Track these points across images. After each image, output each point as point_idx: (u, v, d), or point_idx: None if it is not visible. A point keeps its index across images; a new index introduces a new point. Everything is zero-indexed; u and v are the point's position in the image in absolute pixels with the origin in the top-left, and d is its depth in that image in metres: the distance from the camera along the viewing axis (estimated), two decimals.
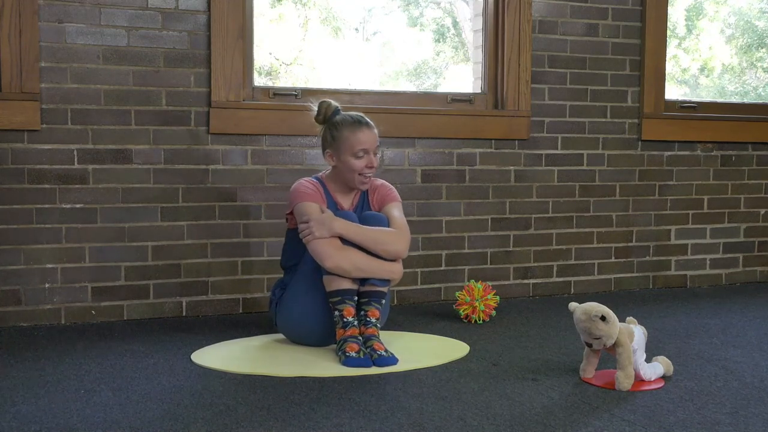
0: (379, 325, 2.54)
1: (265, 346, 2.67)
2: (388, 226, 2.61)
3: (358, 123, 2.63)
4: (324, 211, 2.56)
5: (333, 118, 2.66)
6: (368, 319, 2.51)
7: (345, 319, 2.48)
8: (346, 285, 2.50)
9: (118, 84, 3.03)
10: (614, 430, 1.85)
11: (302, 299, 2.59)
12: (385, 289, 2.57)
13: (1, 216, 2.93)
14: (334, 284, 2.50)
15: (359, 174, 2.62)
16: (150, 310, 3.11)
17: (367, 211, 2.66)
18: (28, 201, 2.95)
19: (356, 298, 2.53)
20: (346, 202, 2.71)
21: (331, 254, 2.48)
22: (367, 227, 2.55)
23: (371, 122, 2.66)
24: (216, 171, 3.17)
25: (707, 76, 8.90)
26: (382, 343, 2.46)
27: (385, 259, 2.55)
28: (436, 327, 2.98)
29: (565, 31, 3.65)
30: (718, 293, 3.77)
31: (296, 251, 2.65)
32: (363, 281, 2.53)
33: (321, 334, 2.60)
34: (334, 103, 2.69)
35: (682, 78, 8.77)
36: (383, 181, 2.78)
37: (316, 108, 2.70)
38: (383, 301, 2.58)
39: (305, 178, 2.70)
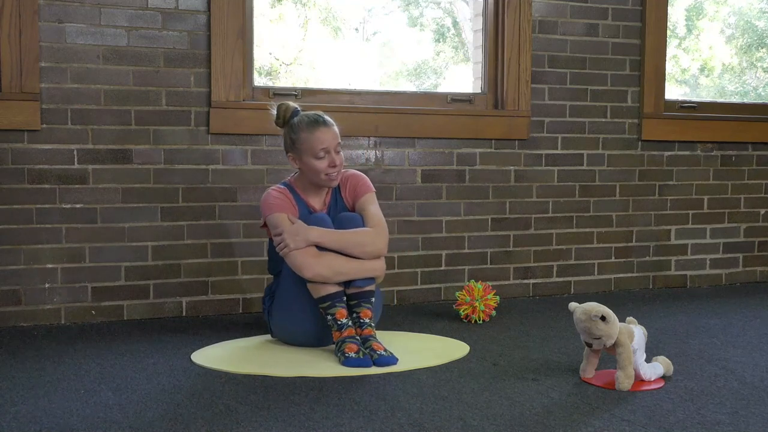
0: (373, 324, 2.51)
1: (265, 346, 2.67)
2: (363, 225, 2.56)
3: (315, 123, 2.55)
4: (294, 222, 2.51)
5: (291, 121, 2.60)
6: (362, 320, 2.48)
7: (339, 322, 2.45)
8: (333, 289, 2.47)
9: (118, 84, 3.03)
10: (614, 430, 1.85)
11: (292, 307, 2.57)
12: (371, 288, 2.53)
13: (1, 216, 2.93)
14: (320, 290, 2.47)
15: (324, 174, 2.57)
16: (150, 310, 3.11)
17: (341, 214, 2.60)
18: (28, 201, 2.95)
19: (345, 298, 2.49)
20: (318, 202, 2.65)
21: (309, 264, 2.44)
22: (343, 231, 2.50)
23: (330, 120, 2.59)
24: (216, 171, 3.17)
25: (707, 76, 8.90)
26: (380, 343, 2.45)
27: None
28: (436, 327, 2.98)
29: (565, 31, 3.65)
30: (718, 293, 3.77)
31: (279, 258, 2.59)
32: (347, 283, 2.50)
33: (317, 338, 2.58)
34: (292, 104, 2.62)
35: (682, 78, 8.77)
36: (354, 171, 2.71)
37: (275, 112, 2.64)
38: (373, 300, 2.54)
39: (273, 187, 2.64)
